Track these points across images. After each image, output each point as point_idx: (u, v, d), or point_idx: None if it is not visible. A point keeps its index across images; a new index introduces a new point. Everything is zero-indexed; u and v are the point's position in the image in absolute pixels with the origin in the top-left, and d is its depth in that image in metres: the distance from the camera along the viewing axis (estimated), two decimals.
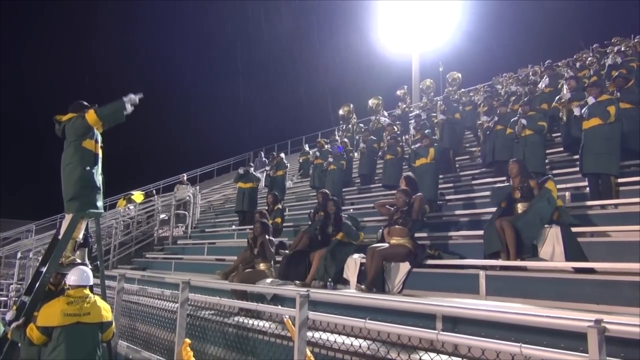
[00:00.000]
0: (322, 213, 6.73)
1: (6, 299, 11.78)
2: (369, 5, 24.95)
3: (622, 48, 11.84)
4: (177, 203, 13.51)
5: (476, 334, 2.53)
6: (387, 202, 6.30)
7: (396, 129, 11.45)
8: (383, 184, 9.91)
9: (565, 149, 8.33)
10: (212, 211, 15.95)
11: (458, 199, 8.04)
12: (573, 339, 2.34)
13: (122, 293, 6.18)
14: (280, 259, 6.97)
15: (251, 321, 4.52)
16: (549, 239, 4.91)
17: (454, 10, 22.04)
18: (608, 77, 9.68)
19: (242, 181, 11.31)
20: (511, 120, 7.78)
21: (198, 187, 16.54)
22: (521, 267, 4.90)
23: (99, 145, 5.15)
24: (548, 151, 8.28)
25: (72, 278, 4.31)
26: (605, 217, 5.54)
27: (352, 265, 5.99)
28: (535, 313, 2.33)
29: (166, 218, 13.48)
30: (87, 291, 4.32)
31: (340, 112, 16.18)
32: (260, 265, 6.48)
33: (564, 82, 8.74)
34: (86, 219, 5.15)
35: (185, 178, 16.74)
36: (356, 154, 13.41)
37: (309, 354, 3.23)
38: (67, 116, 5.06)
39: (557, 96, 8.34)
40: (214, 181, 23.60)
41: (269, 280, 6.21)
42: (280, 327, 4.21)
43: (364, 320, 2.95)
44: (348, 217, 6.72)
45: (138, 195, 13.83)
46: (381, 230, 6.19)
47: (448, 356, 2.98)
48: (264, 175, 14.16)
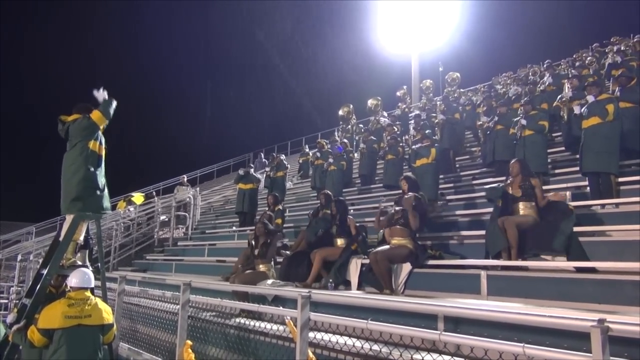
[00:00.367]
0: (329, 211, 6.70)
1: (7, 301, 11.76)
2: (368, 6, 24.96)
3: (621, 47, 11.83)
4: (178, 204, 13.51)
5: (478, 334, 2.53)
6: (381, 214, 6.20)
7: (396, 129, 11.46)
8: (384, 184, 9.92)
9: (566, 148, 8.33)
10: (212, 212, 15.94)
11: (459, 199, 8.04)
12: (576, 339, 2.33)
13: (123, 295, 6.18)
14: (281, 259, 6.97)
15: (252, 322, 4.51)
16: None
17: (453, 11, 22.05)
18: (608, 76, 9.69)
19: (242, 182, 11.31)
20: (512, 120, 7.78)
21: (198, 189, 16.53)
22: (522, 267, 4.89)
23: (102, 147, 5.16)
24: (550, 150, 8.28)
25: (73, 280, 4.30)
26: (606, 216, 5.53)
27: (354, 266, 5.99)
28: (538, 313, 2.33)
29: (166, 219, 13.47)
30: (89, 293, 4.31)
31: (340, 112, 16.20)
32: (261, 266, 6.47)
33: (567, 81, 8.74)
34: (87, 221, 5.14)
35: (186, 179, 16.73)
36: (356, 155, 13.42)
37: (311, 355, 3.23)
38: (72, 117, 5.07)
39: (559, 95, 8.34)
40: (214, 182, 23.60)
41: (269, 282, 6.20)
42: (282, 329, 4.21)
43: (366, 321, 2.95)
44: (360, 226, 6.62)
45: (138, 197, 13.80)
46: (382, 230, 6.19)
47: (450, 357, 2.97)
48: (264, 176, 14.16)
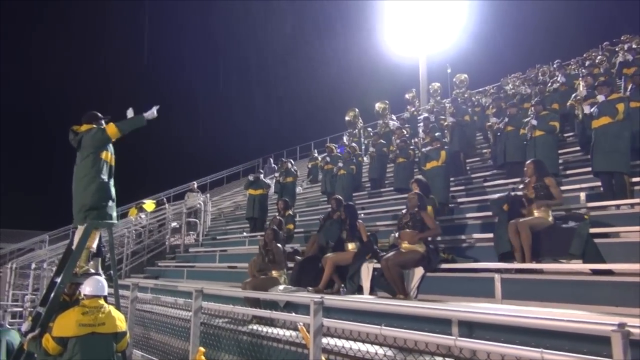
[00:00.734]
0: (340, 215, 6.67)
1: (21, 309, 11.86)
2: (374, 9, 24.99)
3: (632, 45, 11.71)
4: (188, 211, 13.56)
5: (494, 339, 2.49)
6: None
7: (405, 132, 11.42)
8: (395, 188, 9.86)
9: (581, 147, 8.23)
10: (222, 218, 15.99)
11: (470, 202, 7.97)
12: (595, 343, 2.28)
13: (136, 302, 6.20)
14: (292, 265, 6.95)
15: (265, 329, 4.50)
16: None
17: (459, 12, 21.99)
18: (619, 75, 9.59)
19: (252, 188, 11.32)
20: (523, 120, 7.72)
21: (208, 195, 16.59)
22: (537, 270, 4.82)
23: (113, 157, 5.18)
24: (561, 151, 8.19)
25: (87, 288, 4.31)
26: (622, 217, 5.44)
27: (365, 271, 5.95)
28: (556, 317, 2.28)
29: (177, 226, 13.52)
30: (102, 301, 4.32)
31: (347, 117, 16.23)
32: (273, 272, 6.47)
33: (581, 80, 8.66)
34: (100, 229, 5.17)
35: (196, 186, 16.80)
36: (366, 159, 13.39)
37: None
38: (84, 127, 5.08)
39: (574, 94, 8.26)
40: (223, 188, 23.68)
41: (281, 287, 6.19)
42: (294, 335, 4.19)
43: (380, 327, 2.92)
44: (371, 235, 6.56)
45: (149, 204, 13.89)
46: (393, 234, 6.15)
47: None
48: (274, 181, 14.18)
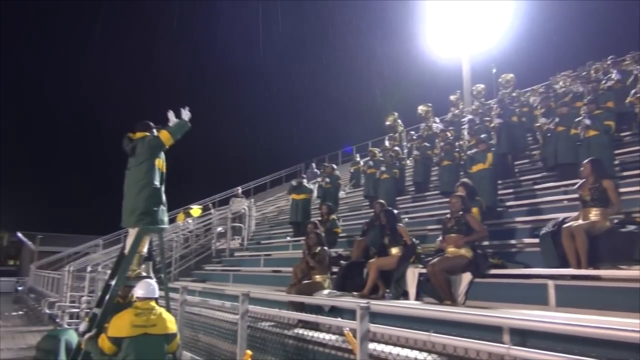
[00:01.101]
0: (381, 220, 6.60)
1: (78, 310, 12.44)
2: (415, 10, 24.67)
3: None
4: (233, 216, 13.83)
5: (550, 349, 2.38)
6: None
7: (449, 134, 11.18)
8: (440, 191, 9.66)
9: None
10: (266, 223, 16.20)
11: (519, 205, 7.69)
12: None
13: (185, 305, 6.37)
14: (336, 269, 6.94)
15: (310, 333, 4.51)
16: None
17: (504, 9, 21.34)
18: None
19: (295, 193, 11.42)
20: (575, 120, 7.39)
21: (252, 200, 16.87)
22: (594, 276, 4.58)
23: (164, 164, 5.37)
24: (618, 151, 7.77)
25: (139, 291, 4.47)
26: None
27: (411, 276, 5.86)
28: (619, 327, 2.15)
29: (223, 231, 13.81)
30: (154, 303, 4.46)
31: (386, 122, 16.08)
32: (317, 276, 6.48)
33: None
34: (151, 234, 5.36)
35: (240, 191, 17.09)
36: (409, 162, 13.21)
37: None
38: (138, 134, 5.29)
39: (633, 90, 7.83)
40: (267, 193, 24.00)
41: (326, 292, 6.19)
42: (340, 340, 4.18)
43: (428, 333, 2.86)
44: (413, 243, 6.43)
45: (196, 210, 14.29)
46: (439, 239, 6.03)
47: None
48: (316, 186, 14.23)
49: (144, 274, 5.27)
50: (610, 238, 4.71)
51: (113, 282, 5.06)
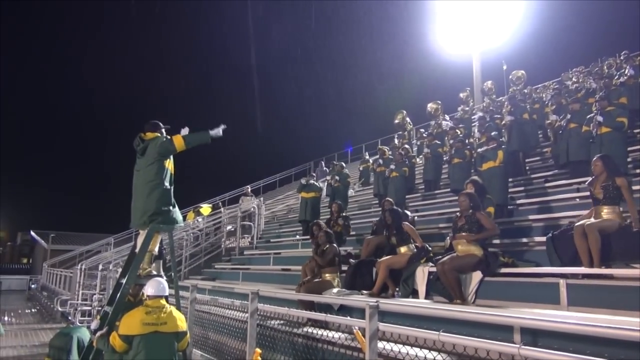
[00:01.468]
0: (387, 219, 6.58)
1: (90, 308, 12.58)
2: (425, 7, 24.52)
3: None
4: (243, 214, 13.88)
5: (562, 349, 2.35)
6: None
7: (459, 132, 11.10)
8: (451, 189, 9.58)
9: None
10: (276, 222, 16.23)
11: (530, 203, 7.62)
12: None
13: (195, 303, 6.40)
14: (346, 268, 6.93)
15: (320, 331, 4.50)
16: None
17: (515, 7, 21.12)
18: None
19: (304, 191, 11.43)
20: (587, 117, 7.29)
21: (262, 198, 16.92)
22: (607, 275, 4.52)
23: (173, 165, 5.39)
24: (631, 148, 7.66)
25: (149, 289, 4.50)
26: None
27: (421, 275, 5.83)
28: (634, 327, 2.12)
29: (232, 229, 13.88)
30: (164, 301, 4.50)
31: (395, 120, 16.03)
32: (326, 275, 6.47)
33: None
34: (161, 233, 5.39)
35: (250, 190, 17.16)
36: (419, 160, 13.15)
37: None
38: (149, 135, 5.29)
39: None
40: (276, 192, 24.08)
41: (335, 290, 6.18)
42: (349, 338, 4.17)
43: (438, 333, 2.84)
44: (424, 246, 6.38)
45: (206, 209, 14.39)
46: (448, 238, 5.99)
47: None
48: (325, 184, 14.22)
49: (154, 272, 5.30)
50: (622, 236, 4.64)
51: (124, 281, 5.11)
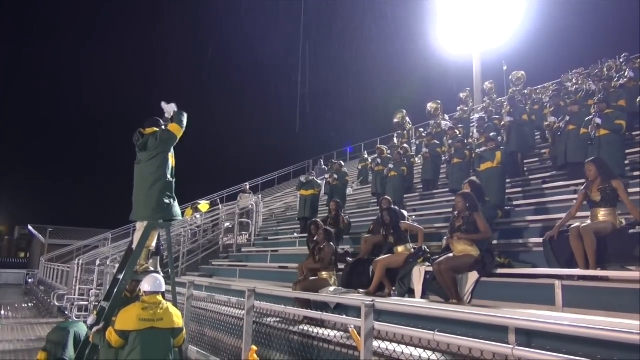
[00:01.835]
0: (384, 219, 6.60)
1: (87, 303, 12.58)
2: (426, 7, 24.51)
3: None
4: (241, 212, 13.88)
5: (555, 350, 2.36)
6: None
7: (458, 132, 11.11)
8: (450, 189, 9.59)
9: None
10: (274, 219, 16.24)
11: (528, 204, 7.64)
12: None
13: (192, 300, 6.41)
14: (342, 267, 6.94)
15: (316, 329, 4.52)
16: None
17: (515, 7, 21.13)
18: None
19: (303, 189, 11.44)
20: (585, 119, 7.31)
21: (260, 196, 16.93)
22: (602, 277, 4.54)
23: (174, 158, 5.40)
24: (629, 151, 7.68)
25: (146, 285, 4.51)
26: None
27: (417, 274, 5.84)
28: (628, 329, 2.13)
29: (230, 226, 13.89)
30: (160, 298, 4.51)
31: (394, 119, 16.04)
32: (323, 273, 6.49)
33: None
34: (159, 228, 5.39)
35: (248, 187, 17.16)
36: (417, 159, 13.16)
37: None
38: (149, 130, 5.31)
39: None
40: (275, 189, 24.09)
41: (331, 289, 6.20)
42: (345, 336, 4.18)
43: (433, 332, 2.85)
44: (422, 248, 6.39)
45: (204, 205, 14.38)
46: (445, 238, 6.01)
47: None
48: (324, 182, 14.24)
49: (151, 268, 5.31)
50: (618, 239, 4.65)
51: (121, 276, 5.11)
